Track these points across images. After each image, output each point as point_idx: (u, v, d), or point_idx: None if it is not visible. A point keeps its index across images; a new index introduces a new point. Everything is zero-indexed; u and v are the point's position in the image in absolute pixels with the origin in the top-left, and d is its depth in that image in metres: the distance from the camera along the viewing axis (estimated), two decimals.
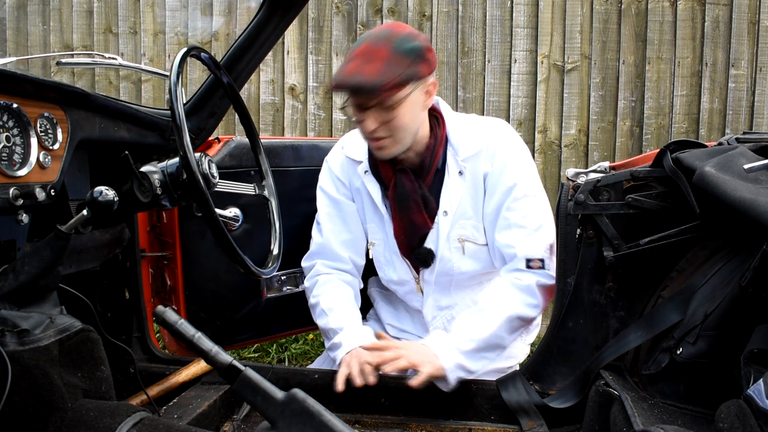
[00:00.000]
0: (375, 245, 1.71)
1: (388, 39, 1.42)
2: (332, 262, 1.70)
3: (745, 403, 0.90)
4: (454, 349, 1.42)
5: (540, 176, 1.67)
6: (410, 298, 1.75)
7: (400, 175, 1.57)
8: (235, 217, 1.83)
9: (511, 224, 1.53)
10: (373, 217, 1.69)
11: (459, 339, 1.44)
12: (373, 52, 1.41)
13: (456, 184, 1.58)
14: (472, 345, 1.43)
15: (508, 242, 1.53)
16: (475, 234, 1.61)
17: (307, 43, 3.41)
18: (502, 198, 1.55)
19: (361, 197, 1.69)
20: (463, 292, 1.70)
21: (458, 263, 1.62)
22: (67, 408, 0.99)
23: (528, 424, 1.38)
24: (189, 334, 0.93)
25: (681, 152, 1.35)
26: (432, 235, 1.61)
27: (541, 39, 3.22)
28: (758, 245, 1.05)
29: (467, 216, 1.60)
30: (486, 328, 1.45)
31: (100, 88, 3.62)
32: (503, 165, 1.55)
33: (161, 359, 1.74)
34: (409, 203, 1.58)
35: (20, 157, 1.14)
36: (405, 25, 1.51)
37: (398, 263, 1.69)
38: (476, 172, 1.58)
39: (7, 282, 1.06)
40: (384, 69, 1.39)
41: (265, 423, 0.88)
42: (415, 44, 1.43)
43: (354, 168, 1.68)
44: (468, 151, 1.57)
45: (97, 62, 1.89)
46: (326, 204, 1.72)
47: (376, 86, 1.38)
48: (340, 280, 1.68)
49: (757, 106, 3.13)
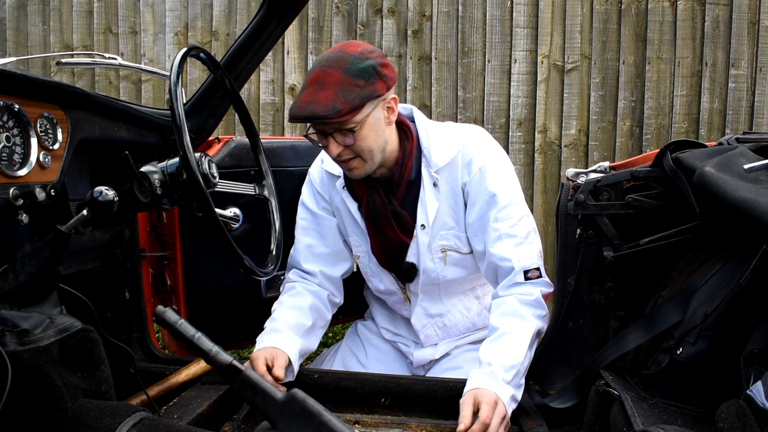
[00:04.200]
0: (360, 258, 1.70)
1: (339, 61, 1.39)
2: (303, 274, 1.69)
3: (745, 403, 0.90)
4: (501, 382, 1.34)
5: (540, 176, 1.68)
6: (399, 307, 1.75)
7: (371, 192, 1.56)
8: (235, 217, 1.82)
9: (502, 235, 1.50)
10: (355, 231, 1.67)
11: (501, 371, 1.35)
12: (325, 78, 1.38)
13: (431, 196, 1.56)
14: (513, 372, 1.36)
15: (502, 254, 1.49)
16: (457, 243, 1.59)
17: (307, 43, 3.41)
18: (484, 208, 1.52)
19: (341, 211, 1.68)
20: (455, 298, 1.69)
21: (442, 272, 1.61)
22: (67, 408, 0.99)
23: (528, 424, 1.38)
24: (189, 334, 0.94)
25: (681, 152, 1.35)
26: (413, 248, 1.60)
27: (541, 39, 3.22)
28: (758, 245, 1.05)
29: (448, 226, 1.58)
30: (518, 353, 1.39)
31: (100, 88, 3.62)
32: (480, 174, 1.52)
33: (161, 359, 1.74)
34: (381, 220, 1.56)
35: (20, 157, 1.14)
36: (358, 43, 1.48)
37: (383, 275, 1.68)
38: (453, 182, 1.55)
39: (7, 282, 1.06)
40: (336, 95, 1.36)
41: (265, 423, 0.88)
42: (368, 63, 1.40)
43: (333, 182, 1.67)
44: (440, 161, 1.54)
45: (97, 62, 1.89)
46: (304, 217, 1.71)
47: (330, 114, 1.35)
48: (303, 287, 1.65)
49: (757, 106, 3.13)
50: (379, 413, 1.46)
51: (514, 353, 1.38)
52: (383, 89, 1.43)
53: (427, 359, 1.72)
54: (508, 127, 3.27)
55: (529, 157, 3.24)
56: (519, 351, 1.39)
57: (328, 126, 1.41)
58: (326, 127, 1.42)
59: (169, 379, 1.52)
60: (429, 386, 1.47)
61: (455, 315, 1.70)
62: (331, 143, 1.44)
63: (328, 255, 1.69)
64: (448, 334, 1.71)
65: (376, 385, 1.48)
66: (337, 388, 1.49)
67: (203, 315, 1.87)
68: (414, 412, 1.46)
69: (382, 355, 1.80)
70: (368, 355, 1.80)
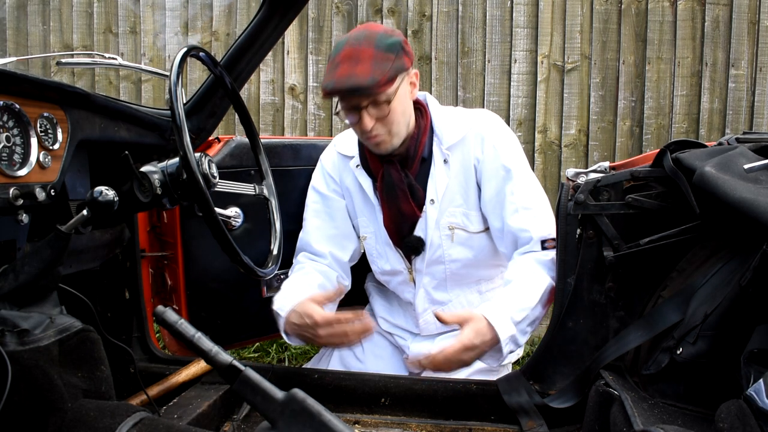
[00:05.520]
0: (367, 239, 1.73)
1: (367, 39, 1.45)
2: (313, 256, 1.72)
3: (745, 403, 0.90)
4: (509, 319, 1.40)
5: (540, 176, 1.70)
6: (402, 289, 1.76)
7: (387, 166, 1.61)
8: (235, 217, 1.83)
9: (519, 208, 1.56)
10: (364, 210, 1.71)
11: (511, 309, 1.42)
12: (358, 54, 1.43)
13: (441, 172, 1.61)
14: (523, 315, 1.42)
15: (521, 226, 1.55)
16: (465, 221, 1.63)
17: (307, 43, 3.41)
18: (500, 183, 1.58)
19: (352, 193, 1.72)
20: (458, 288, 1.71)
21: (448, 250, 1.64)
22: (67, 408, 0.99)
23: (528, 424, 1.38)
24: (189, 334, 0.93)
25: (681, 152, 1.34)
26: (421, 224, 1.64)
27: (541, 39, 3.22)
28: (758, 245, 1.05)
29: (456, 203, 1.62)
30: (531, 299, 1.45)
31: (100, 88, 3.61)
32: (493, 150, 1.58)
33: (161, 359, 1.74)
34: (397, 192, 1.61)
35: (20, 157, 1.14)
36: (377, 24, 1.57)
37: (390, 253, 1.70)
38: (465, 159, 1.61)
39: (7, 282, 1.06)
40: (374, 67, 1.42)
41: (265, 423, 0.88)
42: (394, 39, 1.47)
43: (346, 164, 1.72)
44: (452, 139, 1.60)
45: (97, 62, 1.89)
46: (315, 200, 1.76)
47: (371, 84, 1.41)
48: (312, 267, 1.69)
49: (757, 106, 3.13)
50: (379, 413, 1.46)
51: (526, 297, 1.45)
52: (409, 63, 1.51)
53: (423, 353, 1.73)
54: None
55: (529, 157, 3.24)
56: (532, 297, 1.45)
57: (365, 98, 1.45)
58: (362, 100, 1.46)
59: (169, 379, 1.52)
60: (429, 386, 1.47)
61: (456, 307, 1.71)
62: (365, 117, 1.48)
63: (338, 237, 1.73)
64: (446, 326, 1.72)
65: (376, 385, 1.48)
66: (337, 388, 1.49)
67: (204, 315, 1.87)
68: (414, 412, 1.46)
69: (379, 350, 1.81)
70: (365, 350, 1.81)
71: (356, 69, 1.41)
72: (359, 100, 1.46)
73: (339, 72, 1.43)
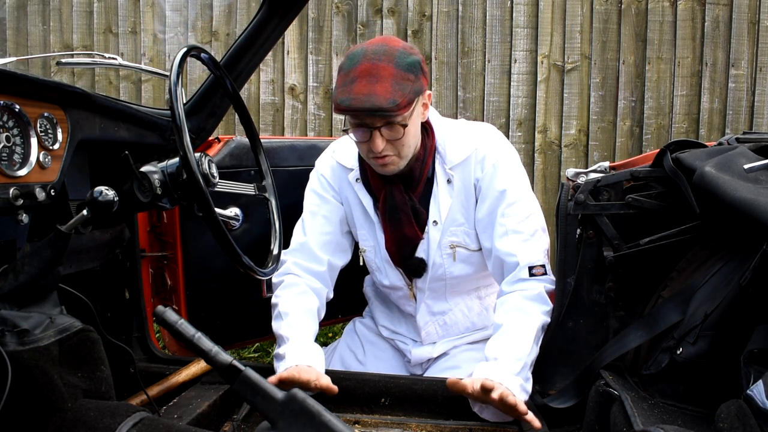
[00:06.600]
0: (366, 252, 1.69)
1: (387, 55, 1.38)
2: (308, 261, 1.63)
3: (745, 403, 0.90)
4: (509, 373, 1.33)
5: (540, 176, 1.68)
6: (403, 303, 1.74)
7: (390, 187, 1.55)
8: (235, 217, 1.83)
9: (508, 231, 1.50)
10: (364, 225, 1.66)
11: (507, 363, 1.34)
12: (378, 70, 1.36)
13: (444, 192, 1.56)
14: (520, 365, 1.35)
15: (508, 250, 1.50)
16: (466, 240, 1.59)
17: (307, 43, 3.41)
18: (494, 203, 1.53)
19: (351, 205, 1.67)
20: (458, 297, 1.69)
21: (450, 268, 1.61)
22: (67, 408, 0.99)
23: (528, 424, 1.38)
24: (189, 334, 0.93)
25: (681, 152, 1.35)
26: (423, 245, 1.60)
27: (541, 39, 3.22)
28: (758, 245, 1.05)
29: (458, 223, 1.58)
30: (524, 346, 1.38)
31: (100, 88, 3.61)
32: (493, 169, 1.53)
33: (161, 359, 1.74)
34: (400, 216, 1.56)
35: (20, 157, 1.14)
36: (395, 38, 1.48)
37: (390, 271, 1.67)
38: (466, 178, 1.56)
39: (7, 282, 1.06)
40: (394, 87, 1.35)
41: (265, 423, 0.88)
42: (414, 58, 1.41)
43: (344, 174, 1.65)
44: (456, 159, 1.55)
45: (97, 62, 1.89)
46: (313, 203, 1.68)
47: (391, 107, 1.34)
48: (307, 285, 1.60)
49: (757, 106, 3.13)
50: (379, 413, 1.46)
51: (519, 346, 1.38)
52: (426, 85, 1.45)
53: (425, 357, 1.73)
54: (508, 127, 3.27)
55: (529, 157, 3.24)
56: (524, 344, 1.38)
57: (382, 119, 1.38)
58: (377, 121, 1.39)
59: (169, 379, 1.52)
60: (429, 386, 1.47)
61: (456, 314, 1.70)
62: (377, 138, 1.41)
63: (335, 242, 1.68)
64: (447, 333, 1.71)
65: (376, 385, 1.48)
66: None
67: (204, 315, 1.87)
68: (414, 412, 1.46)
69: (380, 352, 1.80)
70: (366, 352, 1.80)
71: (376, 88, 1.34)
72: (374, 120, 1.38)
73: (356, 89, 1.35)
